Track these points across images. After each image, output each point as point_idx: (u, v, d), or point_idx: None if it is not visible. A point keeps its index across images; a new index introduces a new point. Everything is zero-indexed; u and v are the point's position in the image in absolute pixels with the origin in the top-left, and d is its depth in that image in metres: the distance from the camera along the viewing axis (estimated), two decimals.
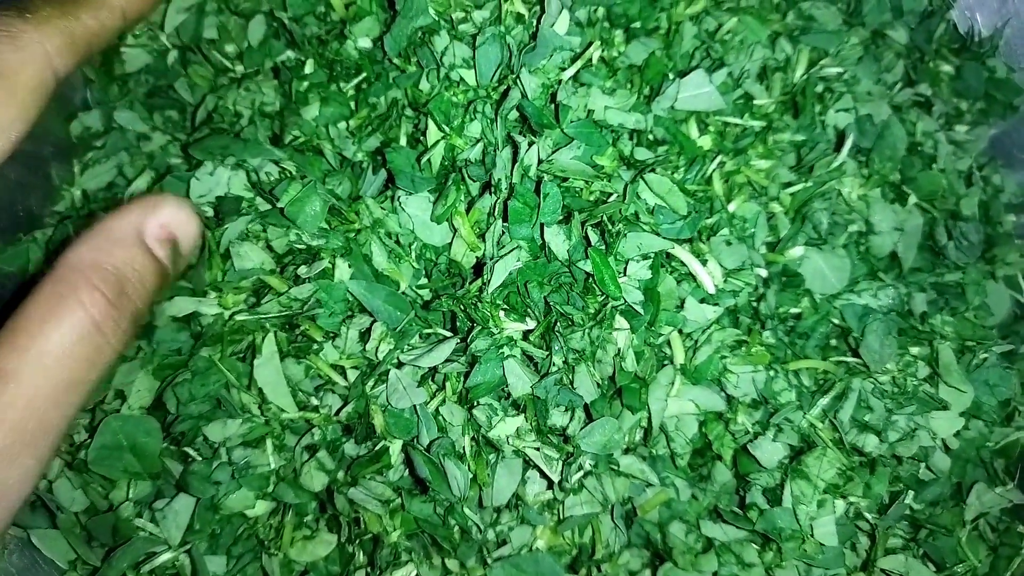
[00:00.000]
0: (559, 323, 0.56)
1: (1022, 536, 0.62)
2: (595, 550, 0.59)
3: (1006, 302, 0.68)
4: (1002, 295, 0.68)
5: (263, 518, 0.59)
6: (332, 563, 0.59)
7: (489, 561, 0.58)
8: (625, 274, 0.57)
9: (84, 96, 0.70)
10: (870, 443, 0.58)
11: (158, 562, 0.57)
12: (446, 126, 0.62)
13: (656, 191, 0.59)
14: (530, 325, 0.57)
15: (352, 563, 0.58)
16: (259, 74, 0.68)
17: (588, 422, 0.57)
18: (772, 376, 0.59)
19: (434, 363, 0.56)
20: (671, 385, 0.58)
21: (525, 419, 0.57)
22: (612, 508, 0.59)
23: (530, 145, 0.59)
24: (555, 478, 0.56)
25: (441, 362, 0.56)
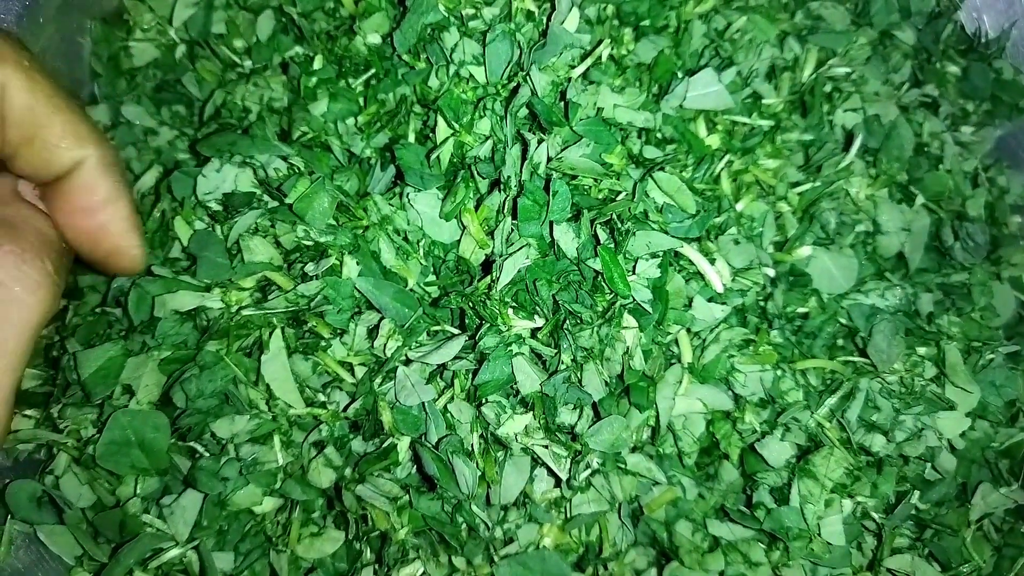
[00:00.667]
0: (568, 321, 0.56)
1: None
2: (602, 548, 0.59)
3: (1011, 303, 0.68)
4: (1007, 296, 0.68)
5: (271, 515, 0.59)
6: (339, 560, 0.59)
7: (496, 559, 0.58)
8: (634, 272, 0.57)
9: (91, 90, 0.70)
10: (877, 443, 0.58)
11: (165, 558, 0.57)
12: (455, 123, 0.61)
13: (665, 190, 0.59)
14: (538, 323, 0.57)
15: (360, 560, 0.58)
16: (267, 69, 0.67)
17: (596, 420, 0.57)
18: (780, 375, 0.59)
19: (443, 360, 0.56)
20: (679, 384, 0.58)
21: (533, 417, 0.57)
22: (619, 506, 0.59)
23: (539, 143, 0.59)
24: (563, 476, 0.56)
25: (450, 359, 0.56)
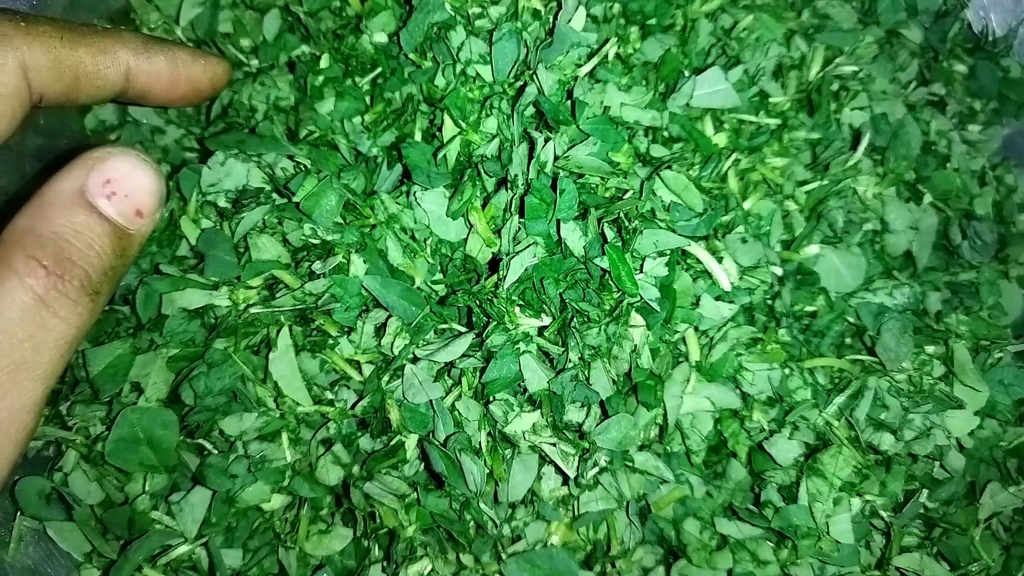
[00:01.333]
0: (575, 319, 0.56)
1: None
2: (610, 546, 0.59)
3: (1020, 302, 0.68)
4: (1015, 295, 0.68)
5: (279, 512, 0.59)
6: (348, 557, 0.59)
7: (504, 556, 0.58)
8: (642, 271, 0.57)
9: None
10: (886, 441, 0.58)
11: (174, 555, 0.57)
12: (462, 122, 0.62)
13: (672, 188, 0.59)
14: (545, 321, 0.58)
15: (368, 557, 0.58)
16: (274, 68, 0.67)
17: (604, 418, 0.57)
18: (787, 374, 0.59)
19: (450, 358, 0.56)
20: (687, 382, 0.58)
21: (541, 415, 0.57)
22: (627, 504, 0.59)
23: (546, 141, 0.59)
24: (571, 474, 0.56)
25: (457, 357, 0.56)
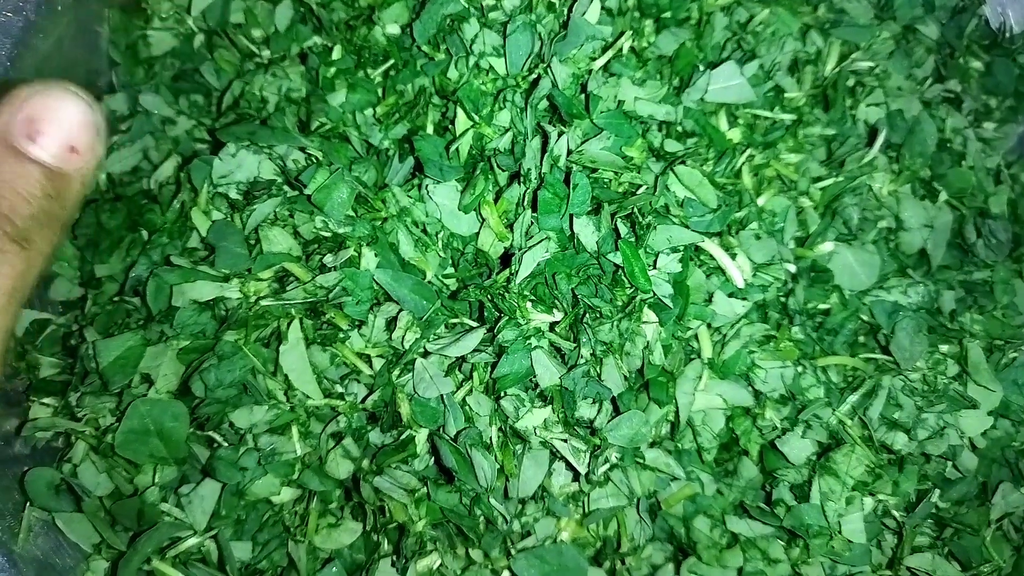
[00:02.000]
0: (587, 315, 0.56)
1: None
2: (620, 543, 0.59)
3: None
4: None
5: (288, 505, 0.59)
6: (357, 551, 0.59)
7: (513, 552, 0.58)
8: (655, 267, 0.56)
9: (109, 79, 0.69)
10: (899, 441, 0.58)
11: (183, 547, 0.57)
12: (475, 115, 0.61)
13: (686, 184, 0.59)
14: (557, 317, 0.57)
15: (377, 552, 0.58)
16: (286, 59, 0.67)
17: (615, 415, 0.56)
18: (800, 372, 0.59)
19: (461, 353, 0.56)
20: (699, 379, 0.58)
21: (552, 411, 0.57)
22: (637, 501, 0.59)
23: (560, 135, 0.59)
24: (582, 470, 0.56)
25: (468, 352, 0.56)
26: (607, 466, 0.57)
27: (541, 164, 0.58)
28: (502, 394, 0.56)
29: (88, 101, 0.43)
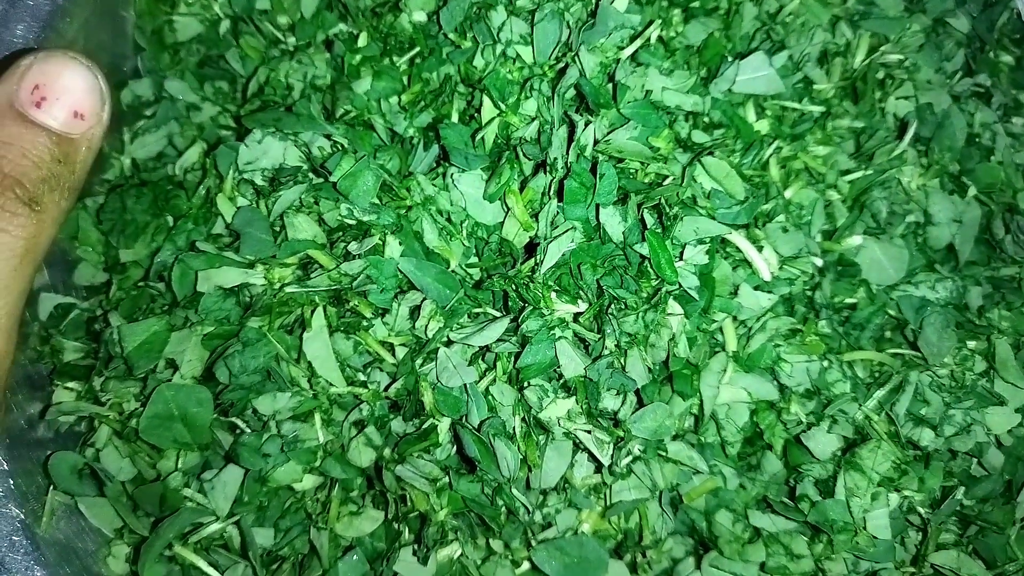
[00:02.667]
0: (612, 306, 0.56)
1: None
2: (641, 536, 0.59)
3: None
4: None
5: (311, 492, 0.59)
6: (378, 539, 0.58)
7: (534, 543, 0.58)
8: (681, 258, 0.56)
9: (135, 64, 0.69)
10: (926, 437, 0.57)
11: (205, 533, 0.57)
12: (501, 103, 0.61)
13: (713, 175, 0.58)
14: (582, 307, 0.57)
15: (399, 540, 0.58)
16: (311, 46, 0.67)
17: (639, 407, 0.56)
18: (826, 366, 0.58)
19: (485, 342, 0.56)
20: (723, 372, 0.57)
21: (576, 401, 0.56)
22: (660, 494, 0.59)
23: (587, 124, 0.58)
24: (605, 462, 0.56)
25: (492, 341, 0.56)
26: (630, 458, 0.57)
27: (567, 153, 0.58)
28: (525, 384, 0.56)
29: (91, 67, 0.43)
